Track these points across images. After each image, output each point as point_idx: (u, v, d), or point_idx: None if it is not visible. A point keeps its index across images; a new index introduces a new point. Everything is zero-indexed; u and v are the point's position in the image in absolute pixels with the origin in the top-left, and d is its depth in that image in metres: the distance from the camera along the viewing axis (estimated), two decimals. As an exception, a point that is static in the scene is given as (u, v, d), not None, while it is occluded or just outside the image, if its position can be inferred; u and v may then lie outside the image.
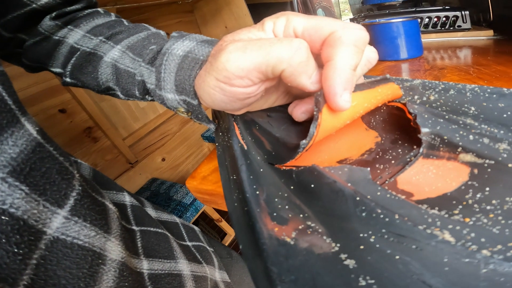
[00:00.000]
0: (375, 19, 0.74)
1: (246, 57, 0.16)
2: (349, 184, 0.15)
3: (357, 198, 0.14)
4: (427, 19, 0.76)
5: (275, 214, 0.15)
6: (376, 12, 0.93)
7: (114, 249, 0.21)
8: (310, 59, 0.17)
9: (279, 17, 0.18)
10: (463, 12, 0.70)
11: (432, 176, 0.16)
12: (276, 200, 0.16)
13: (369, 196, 0.14)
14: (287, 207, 0.15)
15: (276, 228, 0.14)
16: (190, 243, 0.38)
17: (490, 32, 0.66)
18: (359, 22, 0.84)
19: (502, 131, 0.17)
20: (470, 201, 0.14)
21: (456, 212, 0.13)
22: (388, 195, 0.14)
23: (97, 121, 1.13)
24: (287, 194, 0.16)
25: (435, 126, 0.18)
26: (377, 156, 0.20)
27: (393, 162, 0.19)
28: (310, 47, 0.17)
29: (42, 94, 0.97)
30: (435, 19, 0.75)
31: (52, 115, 1.00)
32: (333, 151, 0.21)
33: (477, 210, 0.13)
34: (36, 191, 0.16)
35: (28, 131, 0.17)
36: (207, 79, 0.18)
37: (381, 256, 0.11)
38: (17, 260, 0.14)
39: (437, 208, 0.14)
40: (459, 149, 0.17)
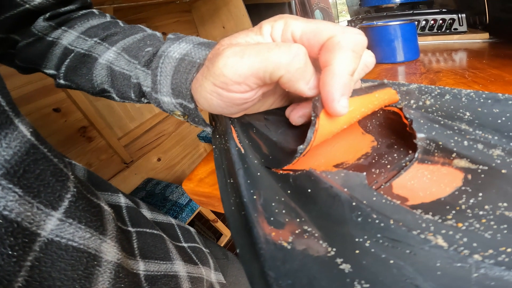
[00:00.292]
0: (373, 22, 0.74)
1: (244, 63, 0.16)
2: (345, 189, 0.15)
3: (353, 203, 0.14)
4: (424, 22, 0.76)
5: (272, 219, 0.15)
6: (374, 14, 0.93)
7: (110, 251, 0.20)
8: (308, 65, 0.17)
9: (277, 21, 0.18)
10: (460, 15, 0.71)
11: (427, 181, 0.17)
12: (273, 205, 0.16)
13: (365, 201, 0.14)
14: (284, 212, 0.15)
15: (273, 233, 0.14)
16: (186, 244, 0.38)
17: (486, 35, 0.67)
18: (357, 24, 0.85)
19: (496, 137, 0.17)
20: (463, 206, 0.14)
21: (450, 217, 0.13)
22: (384, 200, 0.15)
23: (92, 121, 1.12)
24: (284, 199, 0.16)
25: (431, 132, 0.18)
26: (373, 161, 0.20)
27: (389, 167, 0.19)
28: (308, 52, 0.17)
29: (37, 93, 0.96)
30: (432, 22, 0.75)
31: (47, 114, 0.99)
32: (330, 155, 0.21)
33: (470, 215, 0.13)
34: (30, 193, 0.16)
35: (22, 133, 0.17)
36: (204, 84, 0.18)
37: (376, 261, 0.12)
38: (12, 262, 0.14)
39: (431, 213, 0.14)
40: (454, 155, 0.17)
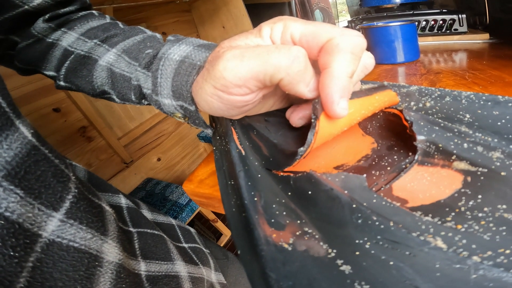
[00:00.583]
0: (373, 22, 0.74)
1: (244, 66, 0.16)
2: (346, 191, 0.15)
3: (353, 205, 0.14)
4: (424, 22, 0.76)
5: (273, 220, 0.15)
6: (374, 15, 0.93)
7: (111, 251, 0.21)
8: (308, 67, 0.17)
9: (276, 23, 0.18)
10: (460, 16, 0.71)
11: (427, 183, 0.17)
12: (274, 206, 0.16)
13: (365, 203, 0.14)
14: (285, 213, 0.15)
15: (274, 234, 0.14)
16: (186, 245, 0.38)
17: (486, 36, 0.67)
18: (357, 25, 0.85)
19: (496, 140, 0.17)
20: (463, 208, 0.14)
21: (449, 219, 0.14)
22: (384, 202, 0.15)
23: (92, 121, 1.12)
24: (285, 200, 0.16)
25: (431, 134, 0.19)
26: (373, 163, 0.20)
27: (389, 169, 0.19)
28: (308, 54, 0.17)
29: (36, 93, 0.95)
30: (432, 22, 0.75)
31: (46, 114, 0.99)
32: (330, 157, 0.21)
33: (469, 217, 0.13)
34: (31, 195, 0.16)
35: (23, 134, 0.17)
36: (205, 87, 0.18)
37: (376, 262, 0.12)
38: (13, 263, 0.14)
39: (431, 215, 0.14)
40: (453, 157, 0.17)
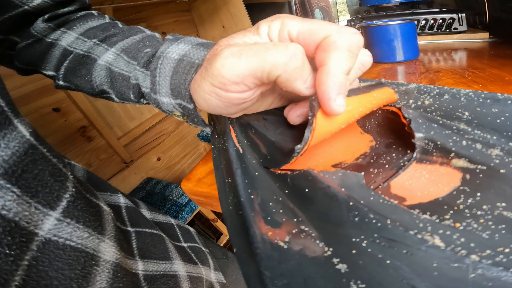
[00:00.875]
0: (372, 21, 0.74)
1: (241, 63, 0.16)
2: (343, 189, 0.15)
3: (350, 203, 0.14)
4: (424, 21, 0.76)
5: (269, 218, 0.15)
6: (374, 14, 0.93)
7: (108, 250, 0.21)
8: (305, 64, 0.17)
9: (274, 21, 0.18)
10: (460, 15, 0.71)
11: (425, 181, 0.17)
12: (271, 204, 0.16)
13: (362, 201, 0.14)
14: (281, 211, 0.15)
15: (270, 232, 0.14)
16: (186, 244, 0.38)
17: (486, 35, 0.66)
18: (356, 24, 0.85)
19: (495, 137, 0.17)
20: (461, 206, 0.14)
21: (447, 217, 0.13)
22: (381, 200, 0.15)
23: (92, 120, 1.12)
24: (282, 198, 0.16)
25: (429, 131, 0.18)
26: (372, 160, 0.20)
27: (387, 167, 0.19)
28: (305, 51, 0.17)
29: (36, 93, 0.96)
30: (432, 21, 0.75)
31: (46, 114, 0.99)
32: (328, 155, 0.21)
33: (468, 215, 0.13)
34: (28, 193, 0.16)
35: (21, 133, 0.17)
36: (202, 84, 0.18)
37: (373, 261, 0.11)
38: (9, 261, 0.14)
39: (429, 213, 0.14)
40: (452, 154, 0.17)
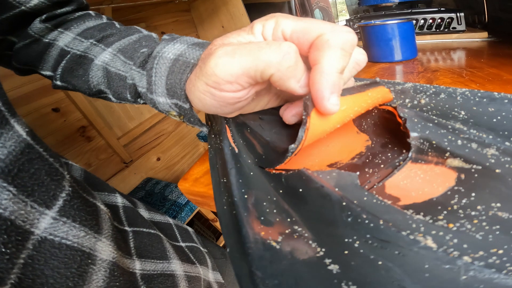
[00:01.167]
0: (371, 21, 0.74)
1: (235, 62, 0.16)
2: (337, 189, 0.15)
3: (344, 203, 0.14)
4: (422, 21, 0.76)
5: (263, 218, 0.15)
6: (372, 13, 0.93)
7: (105, 249, 0.21)
8: (299, 63, 0.17)
9: (268, 20, 0.18)
10: (458, 14, 0.70)
11: (420, 181, 0.17)
12: (265, 204, 0.16)
13: (356, 201, 0.14)
14: (275, 211, 0.15)
15: (263, 232, 0.14)
16: (183, 244, 0.38)
17: (485, 34, 0.66)
18: (355, 23, 0.85)
19: (491, 136, 0.17)
20: (455, 207, 0.14)
21: (441, 218, 0.13)
22: (375, 200, 0.14)
23: (91, 120, 1.12)
24: (276, 198, 0.16)
25: (424, 131, 0.18)
26: (367, 160, 0.20)
27: (382, 166, 0.19)
28: (299, 50, 0.17)
29: (36, 93, 0.95)
30: (430, 21, 0.75)
31: (46, 114, 0.99)
32: (324, 154, 0.21)
33: (462, 216, 0.13)
34: (24, 192, 0.16)
35: (18, 133, 0.17)
36: (197, 84, 0.18)
37: (365, 261, 0.11)
38: (5, 260, 0.14)
39: (422, 214, 0.14)
40: (447, 154, 0.17)
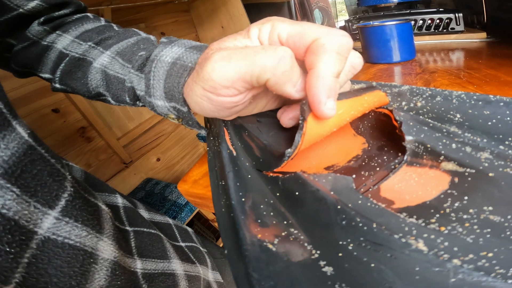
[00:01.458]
0: (370, 21, 0.74)
1: (231, 67, 0.16)
2: (332, 193, 0.15)
3: (338, 207, 0.14)
4: (421, 21, 0.76)
5: (260, 221, 0.15)
6: (371, 14, 0.93)
7: (107, 249, 0.21)
8: (295, 68, 0.17)
9: (264, 24, 0.18)
10: (457, 15, 0.71)
11: (414, 184, 0.17)
12: (262, 207, 0.16)
13: (350, 205, 0.14)
14: (272, 214, 0.15)
15: (259, 235, 0.14)
16: (183, 244, 0.38)
17: (483, 35, 0.66)
18: (353, 24, 0.85)
19: (485, 140, 0.17)
20: (448, 210, 0.14)
21: (433, 221, 0.13)
22: (369, 204, 0.15)
23: (91, 121, 1.12)
24: (273, 201, 0.16)
25: (419, 134, 0.19)
26: (363, 163, 0.20)
27: (378, 169, 0.19)
28: (295, 54, 0.17)
29: (35, 94, 0.95)
30: (429, 21, 0.75)
31: (45, 115, 0.99)
32: (321, 157, 0.21)
33: (454, 219, 0.13)
34: (27, 193, 0.17)
35: (20, 134, 0.17)
36: (194, 88, 0.18)
37: (358, 264, 0.12)
38: (9, 259, 0.15)
39: (415, 217, 0.14)
40: (442, 158, 0.17)
